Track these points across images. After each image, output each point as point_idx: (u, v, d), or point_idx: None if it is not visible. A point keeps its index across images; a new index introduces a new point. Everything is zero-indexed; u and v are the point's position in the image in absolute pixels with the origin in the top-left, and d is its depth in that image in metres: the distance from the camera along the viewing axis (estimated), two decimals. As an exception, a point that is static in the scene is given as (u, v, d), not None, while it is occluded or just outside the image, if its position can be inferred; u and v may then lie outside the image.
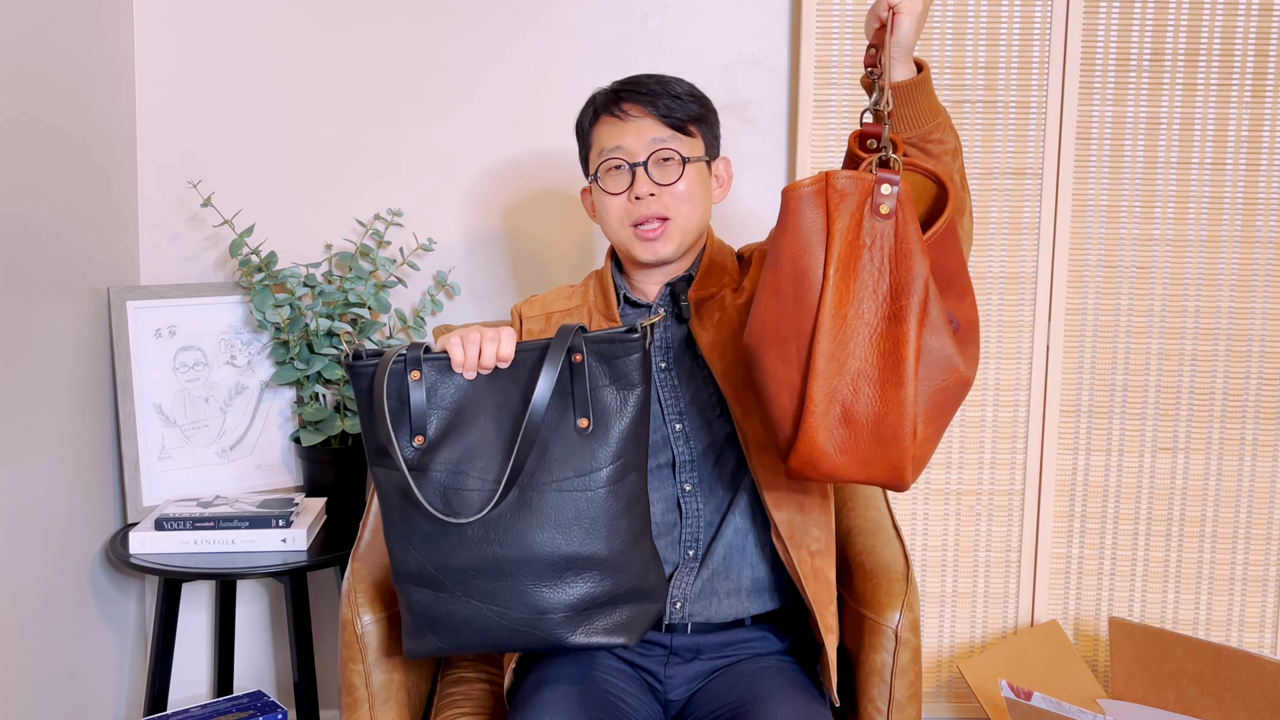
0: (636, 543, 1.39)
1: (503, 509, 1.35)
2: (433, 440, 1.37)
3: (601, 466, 1.36)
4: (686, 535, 1.57)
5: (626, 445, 1.37)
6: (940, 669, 2.36)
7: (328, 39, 2.27)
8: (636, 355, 1.37)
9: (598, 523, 1.35)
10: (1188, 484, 2.31)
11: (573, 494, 1.35)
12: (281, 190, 2.30)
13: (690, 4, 2.27)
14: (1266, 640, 2.33)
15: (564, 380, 1.37)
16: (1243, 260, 2.26)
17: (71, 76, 2.04)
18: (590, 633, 1.38)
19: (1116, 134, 2.23)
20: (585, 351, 1.37)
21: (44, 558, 1.96)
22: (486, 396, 1.38)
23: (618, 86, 1.62)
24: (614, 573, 1.37)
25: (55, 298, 1.99)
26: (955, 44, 2.21)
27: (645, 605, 1.42)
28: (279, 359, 2.22)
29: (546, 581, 1.35)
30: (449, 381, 1.39)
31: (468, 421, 1.38)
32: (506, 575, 1.35)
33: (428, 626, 1.40)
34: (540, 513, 1.35)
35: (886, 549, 1.68)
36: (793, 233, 1.28)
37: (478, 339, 1.38)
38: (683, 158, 1.58)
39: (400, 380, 1.37)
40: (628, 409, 1.37)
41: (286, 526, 2.03)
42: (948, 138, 1.39)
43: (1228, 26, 2.20)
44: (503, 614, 1.36)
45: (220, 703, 2.07)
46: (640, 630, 1.41)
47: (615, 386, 1.37)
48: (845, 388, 1.27)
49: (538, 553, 1.34)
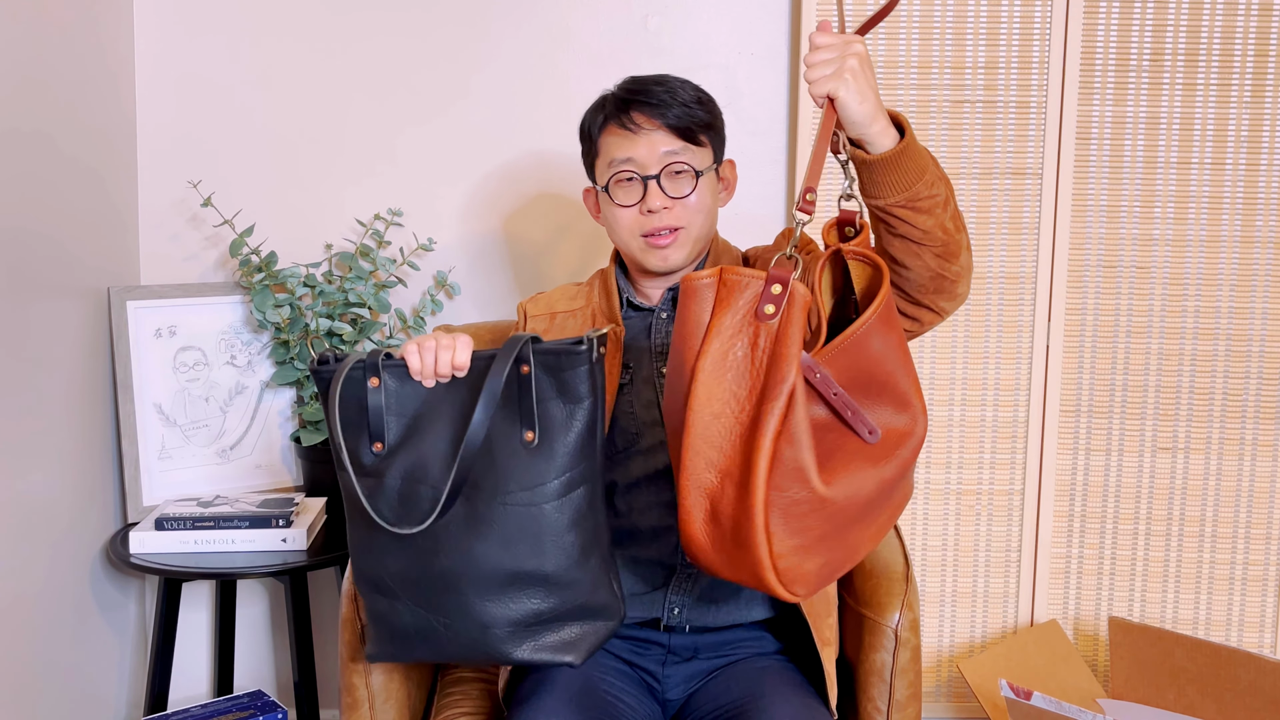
0: (584, 559, 1.37)
1: (451, 521, 1.34)
2: (391, 446, 1.37)
3: (547, 480, 1.34)
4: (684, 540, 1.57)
5: (573, 459, 1.35)
6: (940, 669, 2.36)
7: (328, 39, 2.27)
8: (584, 368, 1.34)
9: (542, 538, 1.34)
10: (1188, 484, 2.31)
11: (518, 509, 1.34)
12: (281, 190, 2.30)
13: (690, 4, 2.27)
14: (1266, 640, 2.33)
15: (511, 392, 1.35)
16: (1243, 260, 2.26)
17: (72, 77, 2.04)
18: (537, 649, 1.37)
19: (1116, 134, 2.23)
20: (533, 363, 1.34)
21: (44, 558, 1.96)
22: (444, 404, 1.37)
23: (625, 94, 1.59)
24: (560, 589, 1.36)
25: (55, 298, 1.99)
26: (955, 44, 2.21)
27: (595, 623, 1.40)
28: (279, 359, 2.22)
29: (492, 596, 1.34)
30: (410, 389, 1.37)
31: (424, 429, 1.37)
32: (453, 589, 1.34)
33: (386, 634, 1.40)
34: (487, 526, 1.34)
35: (886, 549, 1.68)
36: (680, 324, 1.24)
37: (433, 346, 1.36)
38: (696, 171, 1.57)
39: (360, 386, 1.36)
40: (575, 422, 1.35)
41: (286, 526, 2.03)
42: (937, 190, 1.32)
43: (1228, 26, 2.20)
44: (449, 627, 1.36)
45: (220, 703, 2.07)
46: (588, 649, 1.40)
47: (562, 399, 1.35)
48: (712, 484, 1.22)
49: (482, 567, 1.34)
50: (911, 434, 1.28)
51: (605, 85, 2.27)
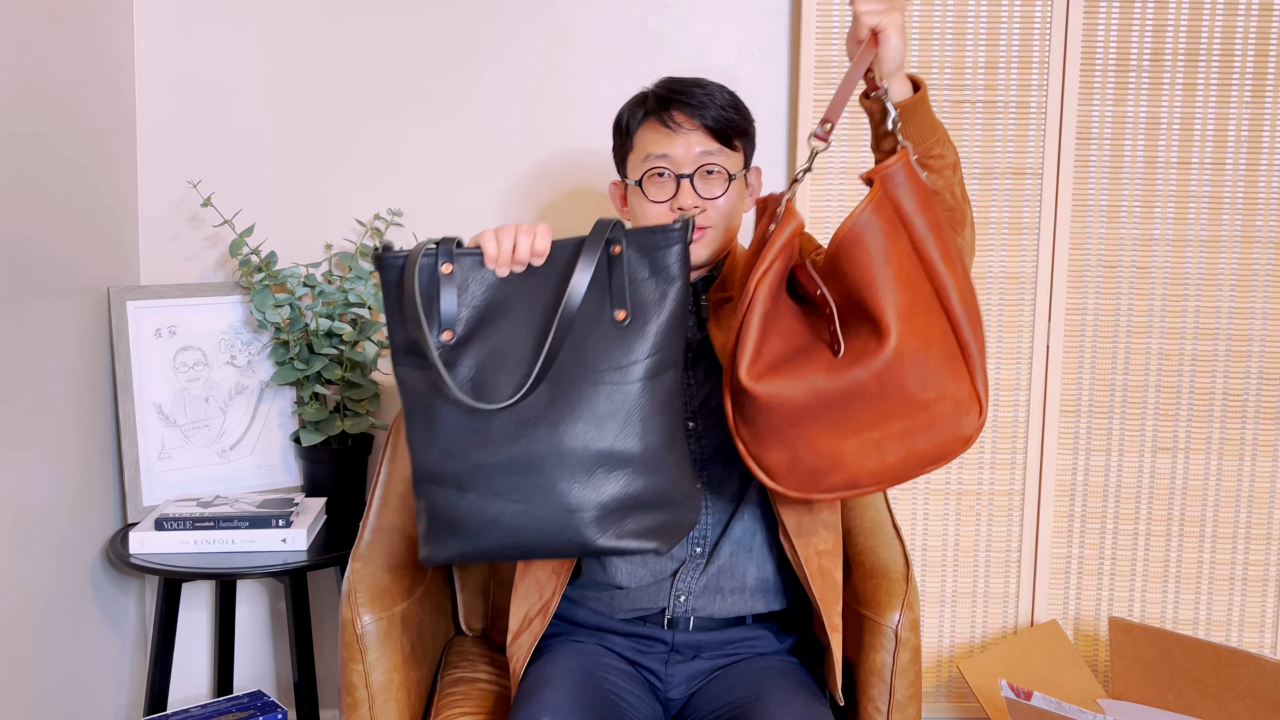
0: (671, 444, 1.35)
1: (534, 402, 1.30)
2: (461, 337, 1.34)
3: (638, 360, 1.32)
4: (695, 532, 1.58)
5: (664, 339, 1.33)
6: (940, 669, 2.36)
7: (328, 38, 2.27)
8: (678, 247, 1.33)
9: (633, 418, 1.30)
10: (1188, 484, 2.31)
11: (608, 387, 1.31)
12: (281, 190, 2.30)
13: (690, 4, 2.27)
14: (1266, 640, 2.33)
15: (601, 272, 1.33)
16: (1243, 260, 2.26)
17: (71, 78, 2.04)
18: (621, 535, 1.31)
19: (1116, 134, 2.23)
20: (624, 243, 1.33)
21: (44, 558, 1.96)
22: (518, 294, 1.35)
23: (666, 93, 1.60)
24: (648, 473, 1.31)
25: (55, 298, 1.99)
26: (955, 44, 2.21)
27: (678, 514, 1.36)
28: (279, 359, 2.22)
29: (578, 479, 1.29)
30: (480, 279, 1.35)
31: (498, 319, 1.34)
32: (536, 471, 1.29)
33: (448, 529, 1.33)
34: (574, 406, 1.30)
35: (886, 549, 1.68)
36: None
37: (513, 232, 1.34)
38: (729, 174, 1.58)
39: (430, 274, 1.33)
40: (667, 302, 1.33)
41: (286, 526, 2.03)
42: (947, 153, 1.39)
43: (1228, 26, 2.20)
44: (530, 513, 1.30)
45: (220, 703, 2.07)
46: (672, 538, 1.35)
47: (655, 279, 1.33)
48: None
49: (570, 448, 1.29)
50: (879, 351, 1.30)
51: (605, 85, 2.28)
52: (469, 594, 1.91)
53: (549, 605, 1.58)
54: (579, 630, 1.64)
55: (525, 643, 1.58)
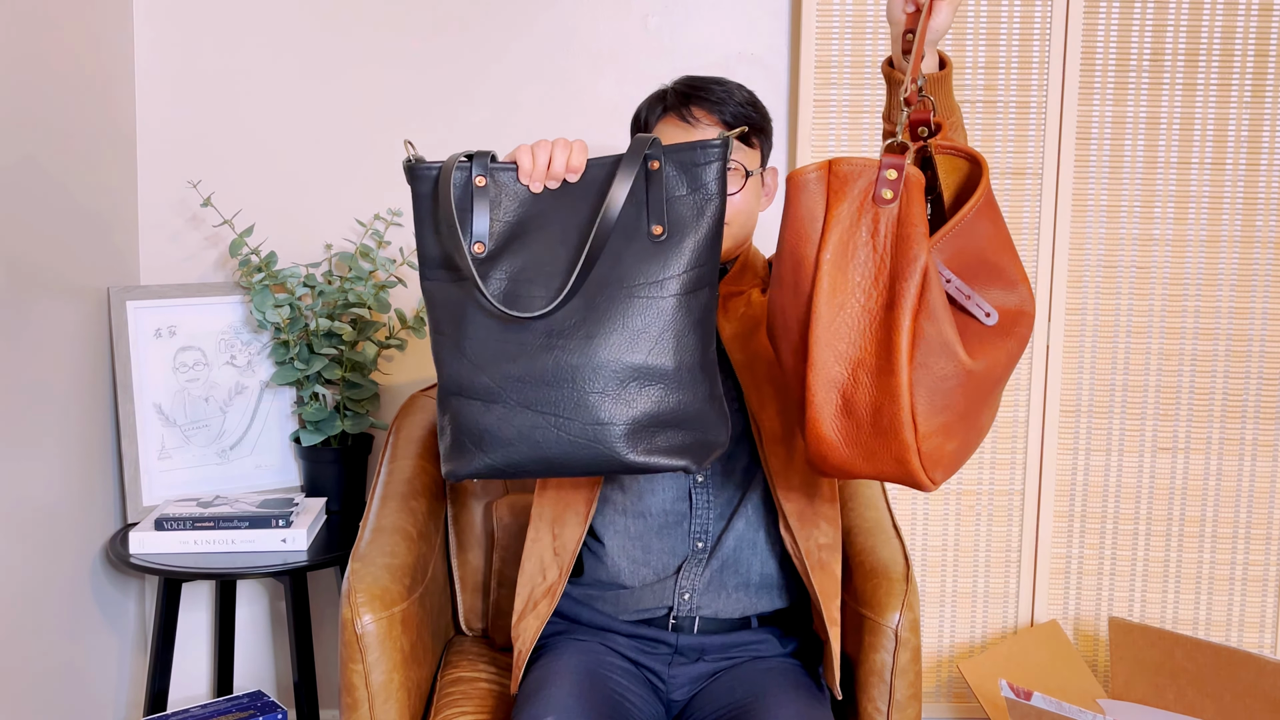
0: (704, 363, 1.33)
1: (569, 314, 1.29)
2: (493, 250, 1.33)
3: (674, 275, 1.31)
4: (696, 527, 1.58)
5: (702, 255, 1.32)
6: (940, 669, 2.36)
7: (328, 38, 2.27)
8: (717, 164, 1.33)
9: (667, 333, 1.30)
10: (1188, 484, 2.31)
11: (643, 300, 1.30)
12: (281, 190, 2.30)
13: (690, 3, 2.27)
14: (1266, 640, 2.33)
15: (639, 187, 1.32)
16: (1243, 260, 2.26)
17: (71, 76, 2.04)
18: (651, 451, 1.30)
19: (1116, 134, 2.24)
20: (663, 160, 1.33)
21: (44, 557, 1.96)
22: (553, 210, 1.34)
23: (686, 89, 1.61)
24: (680, 389, 1.30)
25: (55, 298, 2.00)
26: (955, 44, 2.21)
27: (708, 435, 1.35)
28: (279, 359, 2.22)
29: (611, 392, 1.28)
30: (513, 194, 1.34)
31: (531, 233, 1.33)
32: (569, 382, 1.28)
33: (474, 442, 1.31)
34: (609, 319, 1.29)
35: (886, 549, 1.68)
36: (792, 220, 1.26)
37: (549, 147, 1.34)
38: (746, 171, 1.58)
39: (464, 186, 1.33)
40: (705, 219, 1.33)
41: (286, 526, 2.03)
42: (958, 138, 1.39)
43: (1228, 26, 2.20)
44: (561, 425, 1.28)
45: (220, 703, 2.07)
46: (702, 457, 1.34)
47: (693, 196, 1.33)
48: (844, 377, 1.24)
49: (603, 360, 1.28)
50: (1024, 312, 1.30)
51: (606, 85, 2.28)
52: (469, 594, 1.91)
53: (555, 588, 1.58)
54: (582, 629, 1.64)
55: (531, 624, 1.58)
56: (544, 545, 1.62)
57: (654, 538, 1.59)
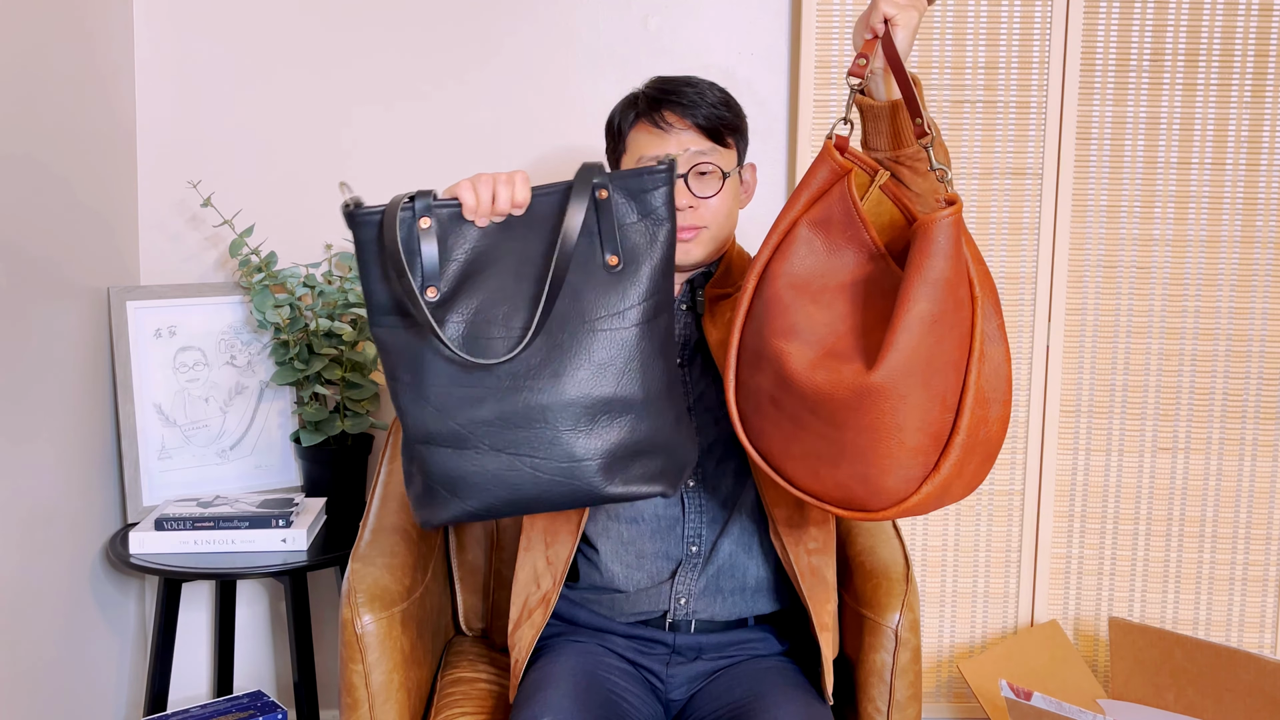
0: (670, 387, 1.33)
1: (533, 354, 1.28)
2: (446, 294, 1.30)
3: (634, 304, 1.30)
4: (689, 531, 1.58)
5: (658, 282, 1.31)
6: (940, 669, 2.36)
7: (328, 38, 2.27)
8: (665, 188, 1.32)
9: (632, 363, 1.29)
10: (1188, 484, 2.31)
11: (606, 333, 1.29)
12: (281, 190, 2.30)
13: (690, 4, 2.27)
14: (1266, 640, 2.33)
15: (590, 218, 1.30)
16: (1243, 260, 2.26)
17: (71, 76, 2.04)
18: (628, 481, 1.30)
19: (1116, 134, 2.23)
20: (611, 187, 1.31)
21: (44, 557, 1.96)
22: (503, 246, 1.32)
23: (657, 93, 1.59)
24: (649, 417, 1.30)
25: (55, 298, 1.99)
26: (955, 44, 2.21)
27: (677, 456, 1.35)
28: (279, 359, 2.22)
29: (583, 428, 1.28)
30: (460, 232, 1.31)
31: (484, 272, 1.31)
32: (540, 423, 1.27)
33: (448, 490, 1.30)
34: (574, 355, 1.28)
35: (886, 549, 1.68)
36: (956, 260, 1.21)
37: (490, 181, 1.31)
38: (723, 172, 1.58)
39: (409, 229, 1.29)
40: (657, 245, 1.32)
41: (286, 526, 2.03)
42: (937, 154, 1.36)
43: (1228, 26, 2.20)
44: (537, 465, 1.28)
45: (220, 703, 2.07)
46: (676, 479, 1.35)
47: (644, 222, 1.31)
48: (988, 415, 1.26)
49: (573, 396, 1.27)
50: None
51: (605, 85, 2.28)
52: (469, 594, 1.91)
53: (549, 597, 1.58)
54: (580, 630, 1.64)
55: (527, 634, 1.58)
56: (537, 554, 1.62)
57: (647, 542, 1.58)
